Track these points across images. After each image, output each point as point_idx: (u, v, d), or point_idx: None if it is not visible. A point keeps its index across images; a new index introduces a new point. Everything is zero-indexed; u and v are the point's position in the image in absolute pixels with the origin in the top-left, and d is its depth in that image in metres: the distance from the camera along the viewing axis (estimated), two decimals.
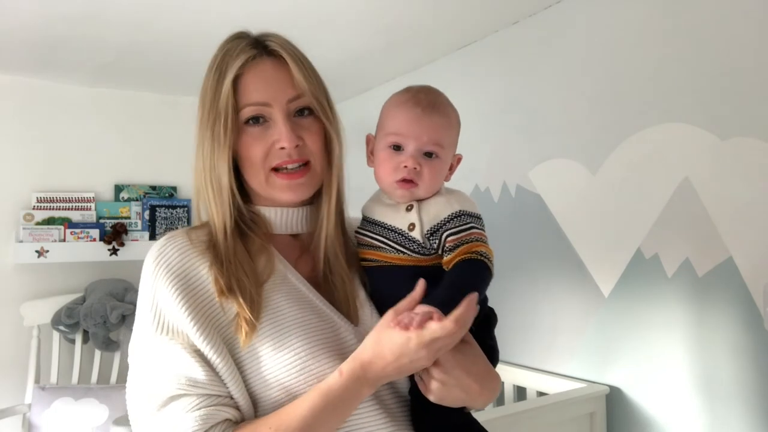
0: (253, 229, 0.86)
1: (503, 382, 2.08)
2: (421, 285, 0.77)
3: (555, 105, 1.95)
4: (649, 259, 1.65)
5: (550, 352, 1.96)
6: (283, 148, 0.82)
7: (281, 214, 0.89)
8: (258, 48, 0.85)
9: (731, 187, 1.47)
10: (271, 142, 0.83)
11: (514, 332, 2.07)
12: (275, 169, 0.84)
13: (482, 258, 0.80)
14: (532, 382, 1.97)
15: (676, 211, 1.58)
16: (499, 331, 0.94)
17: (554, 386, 1.87)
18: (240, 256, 0.82)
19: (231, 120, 0.82)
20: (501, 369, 2.06)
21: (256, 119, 0.84)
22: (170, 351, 0.76)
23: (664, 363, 1.61)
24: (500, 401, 2.12)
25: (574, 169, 1.88)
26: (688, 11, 1.57)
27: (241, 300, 0.77)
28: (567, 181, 1.90)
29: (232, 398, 0.76)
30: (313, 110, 0.86)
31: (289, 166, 0.84)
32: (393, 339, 0.72)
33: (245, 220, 0.87)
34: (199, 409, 0.73)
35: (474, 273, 0.79)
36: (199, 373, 0.74)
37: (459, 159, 0.92)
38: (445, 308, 0.72)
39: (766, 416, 1.40)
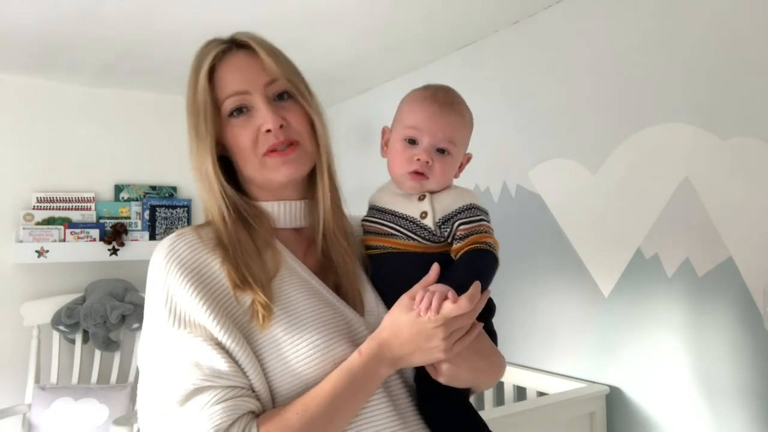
0: (256, 224, 0.87)
1: (503, 382, 2.09)
2: (435, 269, 0.81)
3: (555, 105, 1.95)
4: (649, 259, 1.65)
5: (550, 352, 1.96)
6: (269, 131, 0.84)
7: (283, 208, 0.90)
8: (228, 43, 0.88)
9: (731, 187, 1.47)
10: (256, 128, 0.85)
11: (514, 332, 2.07)
12: (267, 153, 0.86)
13: (491, 249, 0.84)
14: (532, 382, 1.97)
15: (676, 211, 1.58)
16: (500, 331, 0.95)
17: (554, 386, 1.87)
18: (245, 244, 0.84)
19: (210, 112, 0.84)
20: None
21: (239, 110, 0.86)
22: (191, 344, 0.75)
23: (664, 363, 1.61)
24: (500, 401, 2.13)
25: (574, 169, 1.88)
26: (688, 11, 1.57)
27: (255, 287, 0.79)
28: (567, 181, 1.90)
29: (253, 390, 0.76)
30: (292, 94, 0.88)
31: (279, 147, 0.85)
32: (410, 319, 0.76)
33: (248, 215, 0.88)
34: (225, 401, 0.73)
35: (484, 262, 0.83)
36: (222, 364, 0.74)
37: (469, 158, 0.96)
38: (461, 291, 0.76)
39: (766, 416, 1.40)
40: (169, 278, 0.79)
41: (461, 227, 0.85)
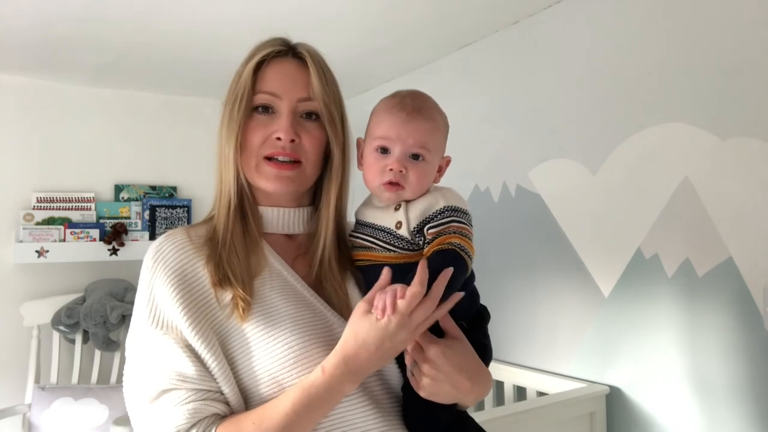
0: (253, 221, 0.90)
1: (503, 382, 2.09)
2: (385, 272, 0.79)
3: (555, 105, 1.95)
4: (649, 259, 1.65)
5: (550, 352, 1.96)
6: (279, 139, 0.87)
7: (277, 214, 0.92)
8: (287, 48, 0.92)
9: (731, 187, 1.47)
10: (270, 132, 0.88)
11: (514, 332, 2.07)
12: (267, 159, 0.88)
13: (453, 248, 0.80)
14: (532, 382, 1.97)
15: (676, 211, 1.58)
16: (500, 331, 0.94)
17: (554, 386, 1.87)
18: (236, 240, 0.86)
19: (245, 100, 0.88)
20: (501, 369, 2.06)
21: (265, 108, 0.89)
22: (163, 345, 0.79)
23: (664, 363, 1.61)
24: (500, 401, 2.13)
25: (574, 169, 1.88)
26: (688, 11, 1.57)
27: (235, 284, 0.82)
28: (567, 181, 1.90)
29: (221, 393, 0.79)
30: (321, 117, 0.90)
31: (280, 158, 0.88)
32: (372, 326, 0.74)
33: (249, 209, 0.91)
34: (188, 403, 0.76)
35: (444, 260, 0.79)
36: (189, 368, 0.77)
37: (448, 161, 0.94)
38: None
39: (765, 416, 1.40)
40: (154, 279, 0.82)
41: (430, 231, 0.83)
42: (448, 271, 0.77)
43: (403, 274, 0.80)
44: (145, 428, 0.79)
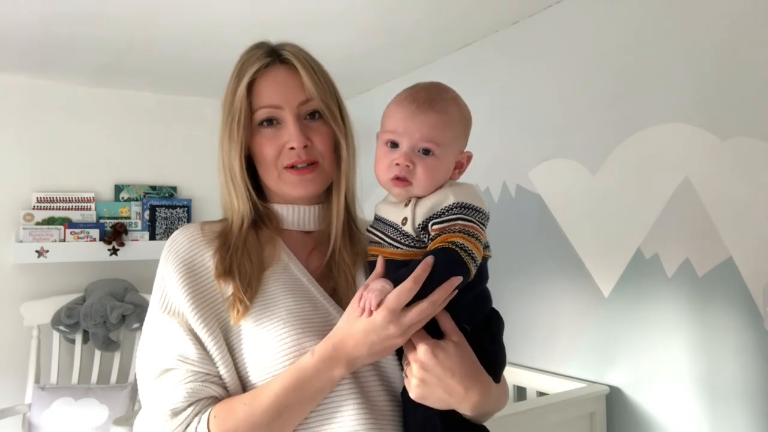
0: (265, 223, 0.93)
1: None
2: (380, 262, 0.81)
3: (555, 105, 1.95)
4: (649, 259, 1.65)
5: (550, 352, 1.96)
6: (292, 149, 0.89)
7: (293, 211, 0.95)
8: (273, 56, 0.92)
9: (731, 187, 1.47)
10: (282, 143, 0.89)
11: (514, 332, 2.07)
12: (286, 168, 0.90)
13: (455, 247, 0.76)
14: (532, 382, 1.97)
15: (676, 211, 1.58)
16: None
17: (554, 386, 1.87)
18: (250, 245, 0.89)
19: (243, 120, 0.89)
20: None
21: (269, 121, 0.90)
22: (169, 328, 0.83)
23: (664, 363, 1.61)
24: None
25: (574, 169, 1.88)
26: (688, 11, 1.57)
27: (238, 282, 0.84)
28: (567, 181, 1.90)
29: (220, 378, 0.82)
30: (323, 114, 0.92)
31: (299, 165, 0.90)
32: (361, 319, 0.76)
33: (260, 214, 0.94)
34: (189, 383, 0.80)
35: (442, 261, 0.76)
36: (191, 351, 0.81)
37: (469, 157, 0.90)
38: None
39: (766, 416, 1.40)
40: (166, 267, 0.88)
41: (434, 227, 0.80)
42: (456, 279, 0.75)
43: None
44: (149, 403, 0.83)
